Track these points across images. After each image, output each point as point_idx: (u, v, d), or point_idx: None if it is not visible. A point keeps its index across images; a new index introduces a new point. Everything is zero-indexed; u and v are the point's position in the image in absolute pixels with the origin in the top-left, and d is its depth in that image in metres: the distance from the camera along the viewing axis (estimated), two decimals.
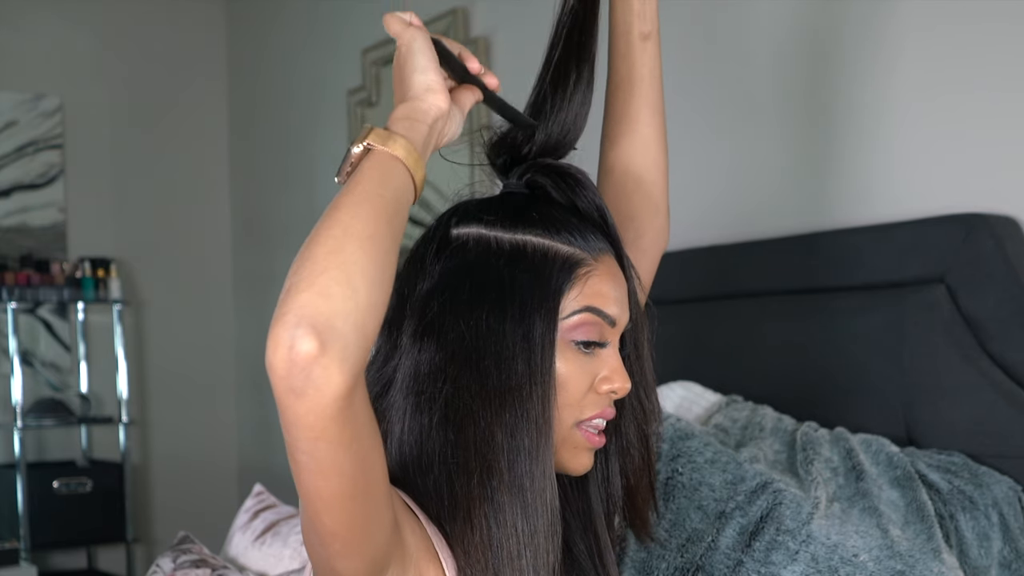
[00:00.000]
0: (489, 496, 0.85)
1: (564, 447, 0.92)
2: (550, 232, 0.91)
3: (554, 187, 0.95)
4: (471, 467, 0.86)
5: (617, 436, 0.99)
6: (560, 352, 0.90)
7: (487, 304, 0.89)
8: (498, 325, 0.88)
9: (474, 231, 0.93)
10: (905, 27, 1.80)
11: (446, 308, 0.90)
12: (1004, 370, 1.59)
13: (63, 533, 3.69)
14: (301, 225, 3.77)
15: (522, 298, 0.89)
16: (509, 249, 0.91)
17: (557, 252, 0.91)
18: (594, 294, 0.91)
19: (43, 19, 3.98)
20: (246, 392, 4.22)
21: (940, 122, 1.75)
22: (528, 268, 0.90)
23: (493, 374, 0.87)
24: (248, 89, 4.17)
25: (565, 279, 0.90)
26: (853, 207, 1.87)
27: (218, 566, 1.84)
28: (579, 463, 0.93)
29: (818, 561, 1.32)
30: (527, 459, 0.86)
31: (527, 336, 0.88)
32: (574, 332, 0.90)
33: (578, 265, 0.91)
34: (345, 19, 3.47)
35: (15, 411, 3.67)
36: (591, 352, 0.91)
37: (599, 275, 0.91)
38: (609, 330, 0.92)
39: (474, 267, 0.91)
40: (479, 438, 0.86)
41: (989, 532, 1.48)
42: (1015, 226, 1.64)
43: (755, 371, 1.90)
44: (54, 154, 3.98)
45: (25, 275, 3.77)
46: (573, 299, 0.90)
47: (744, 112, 2.10)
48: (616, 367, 0.92)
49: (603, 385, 0.92)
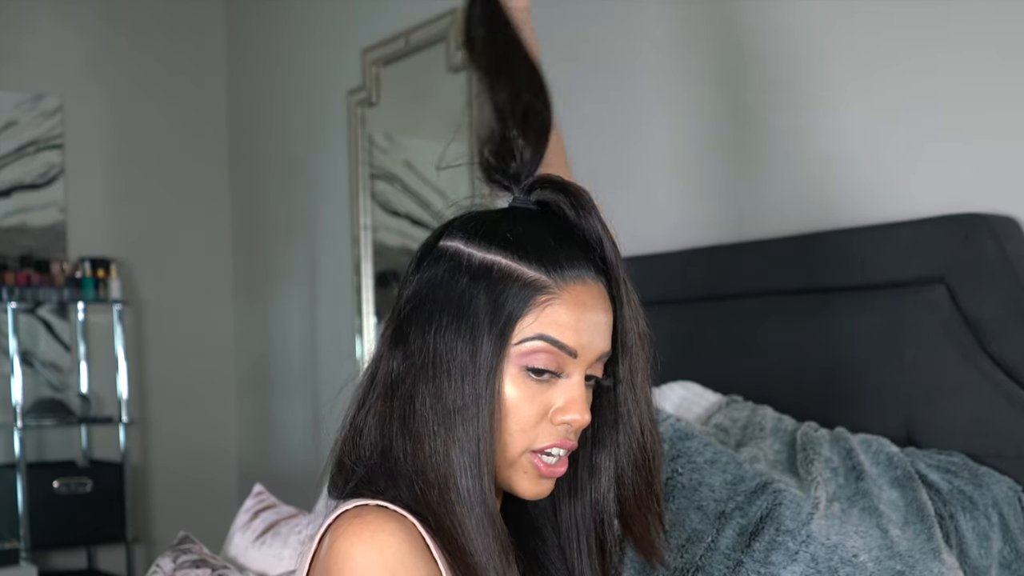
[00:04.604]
0: (453, 509, 0.87)
1: (514, 470, 0.92)
2: (520, 255, 0.90)
3: (566, 206, 0.94)
4: (431, 479, 0.88)
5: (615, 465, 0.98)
6: (512, 378, 0.90)
7: (445, 320, 0.90)
8: (452, 342, 0.89)
9: (453, 245, 0.93)
10: (904, 27, 1.80)
11: (412, 319, 0.92)
12: (1004, 370, 1.59)
13: (63, 533, 3.69)
14: (301, 225, 3.77)
15: (475, 318, 0.89)
16: (477, 267, 0.91)
17: (520, 276, 0.90)
18: (551, 323, 0.89)
19: (43, 19, 3.97)
20: (246, 392, 4.22)
21: (940, 122, 1.74)
22: (488, 289, 0.89)
23: (446, 391, 0.89)
24: (248, 89, 4.17)
25: (520, 305, 0.89)
26: (853, 207, 1.87)
27: (218, 566, 1.84)
28: (531, 489, 0.93)
29: (818, 561, 1.32)
30: (471, 478, 0.88)
31: (474, 357, 0.88)
32: (526, 359, 0.90)
33: (538, 292, 0.89)
34: (345, 19, 3.47)
35: (15, 411, 3.67)
36: (546, 380, 0.91)
37: (561, 303, 0.90)
38: (570, 361, 0.91)
39: (442, 281, 0.91)
40: (435, 454, 0.88)
41: (989, 532, 1.48)
42: (1015, 226, 1.64)
43: (755, 371, 1.90)
44: (54, 154, 3.98)
45: (25, 275, 3.77)
46: (528, 326, 0.89)
47: (744, 112, 2.10)
48: (574, 398, 0.91)
49: (558, 416, 0.91)
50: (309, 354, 3.75)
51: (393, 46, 3.16)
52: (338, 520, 0.88)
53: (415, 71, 3.10)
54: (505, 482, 0.93)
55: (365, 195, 3.33)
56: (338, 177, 3.48)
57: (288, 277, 3.87)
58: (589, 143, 2.39)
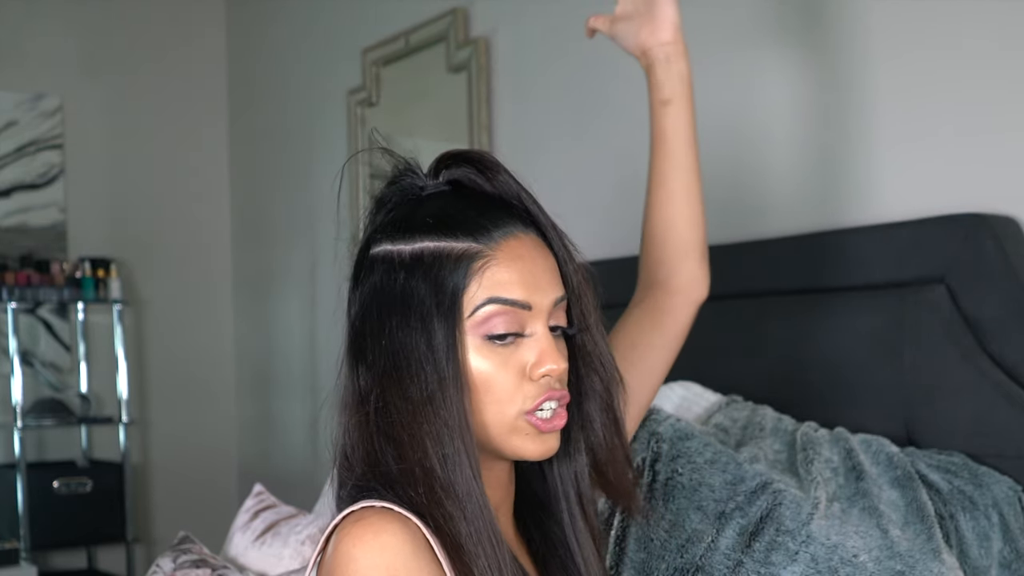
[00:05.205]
0: (439, 502, 0.88)
1: (515, 435, 0.92)
2: (443, 233, 0.91)
3: (474, 174, 0.95)
4: (417, 477, 0.88)
5: (579, 414, 0.99)
6: (476, 350, 0.90)
7: (394, 319, 0.90)
8: (406, 337, 0.89)
9: (381, 249, 0.93)
10: (903, 26, 1.80)
11: (363, 331, 0.92)
12: (1004, 370, 1.59)
13: (63, 533, 3.69)
14: (301, 225, 3.77)
15: (421, 306, 0.89)
16: (409, 260, 0.91)
17: (451, 252, 0.90)
18: (494, 284, 0.90)
19: (43, 19, 3.97)
20: (246, 392, 4.21)
21: (940, 122, 1.74)
22: (424, 275, 0.90)
23: (411, 386, 0.89)
24: (248, 89, 4.17)
25: (460, 277, 0.90)
26: (853, 207, 1.87)
27: (218, 566, 1.84)
28: (536, 448, 0.93)
29: (818, 561, 1.32)
30: (452, 465, 0.88)
31: (430, 343, 0.89)
32: (483, 327, 0.90)
33: (472, 260, 0.90)
34: (345, 19, 3.47)
35: (15, 411, 3.67)
36: (510, 343, 0.91)
37: (498, 263, 0.90)
38: (527, 315, 0.91)
39: (380, 285, 0.92)
40: (414, 452, 0.88)
41: (989, 532, 1.48)
42: (1015, 226, 1.63)
43: (755, 371, 1.90)
44: (54, 154, 3.98)
45: (25, 275, 3.77)
46: (474, 294, 0.90)
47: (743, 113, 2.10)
48: (544, 349, 0.92)
49: (535, 370, 0.92)
50: (309, 354, 3.74)
51: (393, 46, 3.16)
52: (343, 522, 0.88)
53: (415, 71, 3.10)
54: (511, 450, 0.93)
55: (365, 195, 3.33)
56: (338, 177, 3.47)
57: (288, 277, 3.87)
58: (588, 143, 2.39)
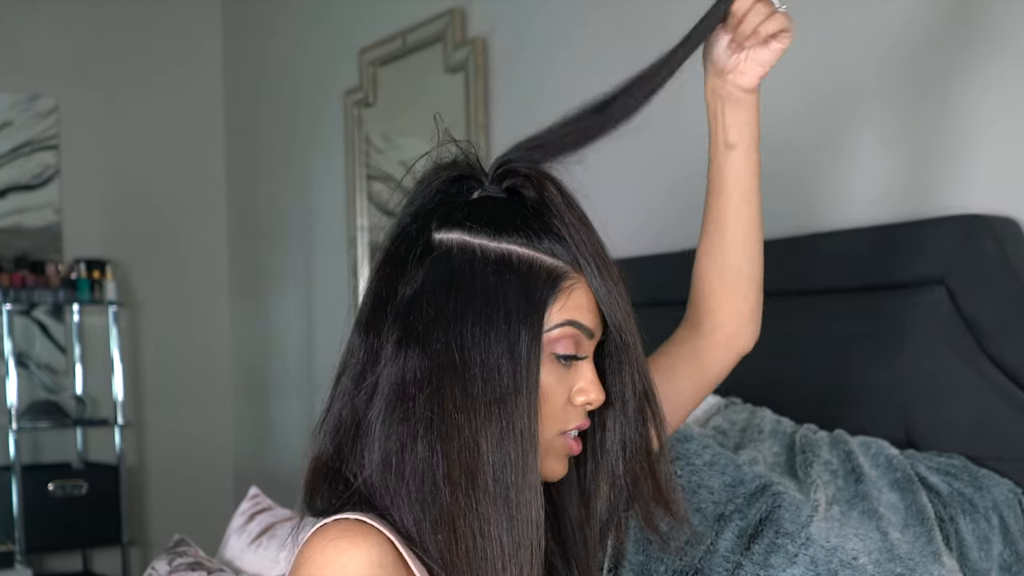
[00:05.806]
0: (474, 507, 0.85)
1: (549, 455, 0.93)
2: (533, 242, 0.90)
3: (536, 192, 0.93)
4: (455, 477, 0.85)
5: (602, 449, 0.98)
6: (543, 364, 0.90)
7: (472, 314, 0.88)
8: (484, 336, 0.88)
9: (457, 237, 0.91)
10: (902, 26, 1.79)
11: (430, 316, 0.89)
12: (1004, 371, 1.58)
13: (58, 536, 3.69)
14: (298, 226, 3.76)
15: (507, 309, 0.88)
16: (494, 259, 0.90)
17: (542, 264, 0.90)
18: (576, 307, 0.91)
19: (38, 19, 3.97)
20: (242, 394, 4.21)
21: (940, 122, 1.74)
22: (514, 279, 0.89)
23: (479, 385, 0.87)
24: (244, 89, 4.16)
25: (550, 292, 0.90)
26: (853, 207, 1.86)
27: (214, 569, 1.83)
28: (563, 470, 0.95)
29: (817, 564, 1.32)
30: (513, 471, 0.86)
31: (512, 348, 0.88)
32: (555, 345, 0.91)
33: (562, 278, 0.90)
34: (342, 19, 3.46)
35: (10, 413, 3.67)
36: (569, 365, 0.92)
37: (581, 288, 0.91)
38: (587, 342, 0.93)
39: (459, 276, 0.90)
40: (464, 449, 0.86)
41: (989, 535, 1.48)
42: (1015, 227, 1.63)
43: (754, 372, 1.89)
44: (49, 155, 3.97)
45: (20, 276, 3.76)
46: (556, 312, 0.90)
47: None
48: (592, 379, 0.93)
49: (578, 397, 0.93)
50: (305, 356, 3.74)
51: (390, 46, 3.16)
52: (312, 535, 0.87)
53: (412, 71, 3.10)
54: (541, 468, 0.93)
55: (362, 196, 3.33)
56: (335, 178, 3.47)
57: (285, 278, 3.87)
58: None
